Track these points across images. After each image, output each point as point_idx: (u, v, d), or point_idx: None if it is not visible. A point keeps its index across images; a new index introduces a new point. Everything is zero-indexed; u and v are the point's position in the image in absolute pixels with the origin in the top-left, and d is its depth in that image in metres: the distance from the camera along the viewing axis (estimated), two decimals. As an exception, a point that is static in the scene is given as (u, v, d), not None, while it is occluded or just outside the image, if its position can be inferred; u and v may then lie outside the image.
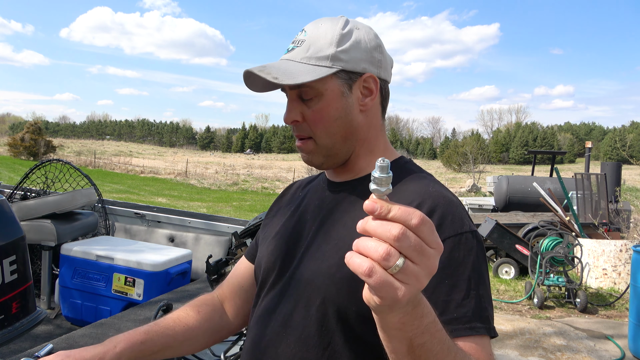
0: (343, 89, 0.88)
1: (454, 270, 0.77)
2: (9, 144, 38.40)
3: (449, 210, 0.83)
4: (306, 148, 0.92)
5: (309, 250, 0.91)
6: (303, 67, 0.86)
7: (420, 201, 0.84)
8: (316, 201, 0.99)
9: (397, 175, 0.93)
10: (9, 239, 2.18)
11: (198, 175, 33.19)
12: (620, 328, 4.90)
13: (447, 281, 0.77)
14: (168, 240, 4.26)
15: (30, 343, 2.85)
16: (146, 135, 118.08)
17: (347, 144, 0.92)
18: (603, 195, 7.97)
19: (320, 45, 0.87)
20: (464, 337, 0.74)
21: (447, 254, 0.78)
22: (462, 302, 0.75)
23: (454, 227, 0.81)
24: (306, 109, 0.89)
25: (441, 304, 0.74)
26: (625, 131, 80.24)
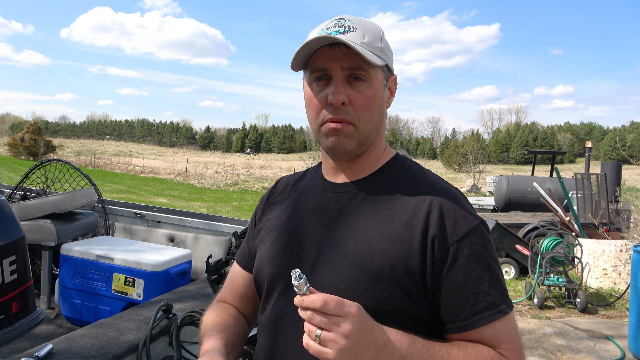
0: (384, 82, 0.93)
1: (477, 264, 0.86)
2: (9, 144, 38.39)
3: (459, 206, 0.89)
4: (345, 131, 0.90)
5: (322, 255, 0.91)
6: (366, 51, 0.86)
7: (430, 202, 0.89)
8: (316, 203, 0.98)
9: (397, 172, 0.97)
10: (9, 239, 2.18)
11: (198, 175, 33.18)
12: (620, 328, 4.90)
13: (472, 275, 0.85)
14: (168, 240, 4.25)
15: (30, 343, 2.85)
16: (146, 135, 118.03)
17: (376, 135, 0.95)
18: (603, 195, 7.97)
19: (372, 36, 0.89)
20: (495, 320, 0.85)
21: (468, 249, 0.86)
22: (488, 291, 0.85)
23: (468, 222, 0.88)
24: (354, 93, 0.88)
25: (472, 297, 0.84)
26: (625, 131, 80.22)
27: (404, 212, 0.89)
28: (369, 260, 0.86)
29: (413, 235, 0.86)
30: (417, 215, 0.88)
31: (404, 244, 0.86)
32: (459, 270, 0.85)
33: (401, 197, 0.92)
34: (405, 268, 0.84)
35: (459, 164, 49.49)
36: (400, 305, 0.85)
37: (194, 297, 2.76)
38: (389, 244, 0.86)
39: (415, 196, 0.91)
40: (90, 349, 1.85)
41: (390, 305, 0.84)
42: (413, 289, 0.85)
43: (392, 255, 0.85)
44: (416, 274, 0.85)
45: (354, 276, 0.86)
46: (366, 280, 0.85)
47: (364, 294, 0.84)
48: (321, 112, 0.90)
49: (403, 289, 0.85)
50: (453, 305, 0.85)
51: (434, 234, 0.85)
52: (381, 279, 0.84)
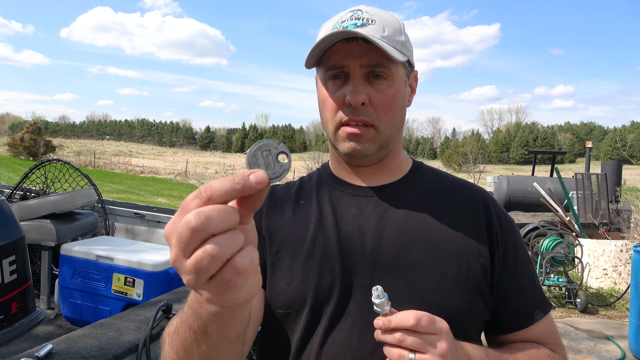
0: (406, 79, 0.85)
1: (527, 257, 0.88)
2: (8, 144, 38.40)
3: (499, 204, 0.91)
4: (366, 135, 0.81)
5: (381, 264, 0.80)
6: (387, 45, 0.78)
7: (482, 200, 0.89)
8: (348, 209, 0.86)
9: (427, 175, 0.93)
10: (9, 239, 2.17)
11: (198, 175, 33.19)
12: (620, 328, 4.89)
13: (526, 269, 0.87)
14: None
15: (30, 343, 2.85)
16: (146, 135, 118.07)
17: (398, 137, 0.87)
18: (603, 195, 7.96)
19: (393, 29, 0.81)
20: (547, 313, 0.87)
21: (519, 243, 0.87)
22: (538, 284, 0.89)
23: (510, 219, 0.89)
24: (374, 93, 0.80)
25: (530, 291, 0.86)
26: (625, 131, 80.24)
27: (460, 211, 0.86)
28: (445, 263, 0.80)
29: (479, 233, 0.84)
30: (475, 212, 0.86)
31: (473, 243, 0.82)
32: (518, 264, 0.85)
33: (450, 196, 0.88)
34: (480, 267, 0.81)
35: (459, 164, 49.52)
36: (477, 308, 0.81)
37: (194, 297, 2.76)
38: (458, 244, 0.82)
39: (464, 196, 0.89)
40: (90, 349, 1.85)
41: (469, 310, 0.80)
42: (486, 289, 0.82)
43: (466, 256, 0.81)
44: (487, 273, 0.82)
45: (433, 282, 0.78)
46: (447, 285, 0.78)
47: (445, 300, 0.77)
48: (337, 113, 0.82)
49: (479, 290, 0.81)
50: (516, 301, 0.85)
51: (497, 230, 0.85)
52: (460, 282, 0.79)
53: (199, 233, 0.42)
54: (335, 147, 0.86)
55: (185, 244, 0.43)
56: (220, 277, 0.44)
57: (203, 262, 0.43)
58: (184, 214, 0.44)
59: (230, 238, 0.43)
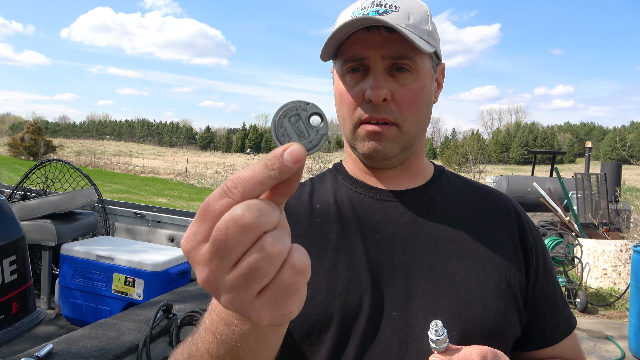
0: (432, 73, 0.77)
1: (552, 268, 0.84)
2: (9, 144, 38.44)
3: (524, 211, 0.86)
4: (388, 134, 0.73)
5: (417, 277, 0.72)
6: (413, 35, 0.70)
7: (512, 208, 0.84)
8: (372, 215, 0.77)
9: (452, 180, 0.86)
10: (9, 239, 2.18)
11: (198, 175, 33.19)
12: (620, 328, 4.90)
13: (553, 281, 0.83)
14: (168, 240, 4.25)
15: (30, 343, 2.85)
16: (146, 135, 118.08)
17: (422, 136, 0.79)
18: (603, 195, 7.97)
19: (419, 16, 0.73)
20: (574, 327, 0.83)
21: (547, 253, 0.83)
22: (564, 297, 0.84)
23: (536, 227, 0.84)
24: (398, 87, 0.72)
25: (560, 304, 0.83)
26: (625, 131, 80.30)
27: (492, 220, 0.80)
28: (484, 278, 0.73)
29: (514, 244, 0.78)
30: (508, 222, 0.80)
31: (509, 255, 0.76)
32: (548, 278, 0.82)
33: (480, 204, 0.82)
34: (518, 282, 0.75)
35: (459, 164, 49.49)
36: (515, 325, 0.75)
37: (194, 297, 2.76)
38: (496, 257, 0.75)
39: (494, 202, 0.83)
40: (90, 349, 1.85)
41: (508, 327, 0.73)
42: (521, 304, 0.77)
43: (504, 269, 0.75)
44: (523, 287, 0.77)
45: (474, 297, 0.71)
46: (489, 301, 0.71)
47: (486, 317, 0.70)
48: (356, 110, 0.73)
49: (516, 306, 0.75)
50: (548, 316, 0.80)
51: (531, 242, 0.80)
52: (500, 298, 0.72)
53: (252, 231, 0.34)
54: (354, 147, 0.77)
55: (232, 249, 0.34)
56: (277, 284, 0.35)
57: (260, 266, 0.34)
58: (208, 220, 0.35)
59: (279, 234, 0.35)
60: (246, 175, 0.35)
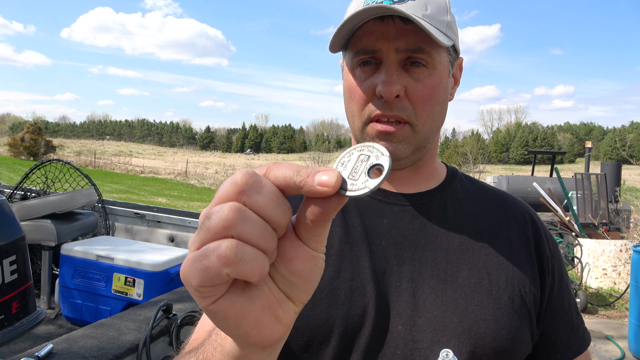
0: (449, 68, 0.71)
1: (568, 282, 0.78)
2: (9, 144, 38.46)
3: (540, 220, 0.81)
4: (400, 135, 0.68)
5: (424, 288, 0.67)
6: (429, 26, 0.64)
7: (528, 216, 0.79)
8: (379, 219, 0.72)
9: (465, 183, 0.80)
10: (9, 239, 2.18)
11: (198, 175, 33.20)
12: (620, 328, 4.90)
13: (569, 295, 0.77)
14: (168, 240, 4.25)
15: (30, 343, 2.85)
16: (146, 136, 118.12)
17: (436, 136, 0.74)
18: (603, 195, 7.97)
19: (437, 6, 0.67)
20: (588, 344, 0.77)
21: (562, 267, 0.77)
22: (578, 311, 0.78)
23: (552, 236, 0.78)
24: (412, 82, 0.67)
25: (575, 319, 0.77)
26: (625, 131, 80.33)
27: (507, 229, 0.74)
28: (497, 292, 0.68)
29: (529, 256, 0.73)
30: (524, 231, 0.75)
31: (525, 268, 0.71)
32: (564, 292, 0.76)
33: (495, 211, 0.76)
34: (532, 297, 0.70)
35: (459, 164, 49.50)
36: (527, 342, 0.69)
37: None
38: (509, 269, 0.70)
39: (507, 210, 0.77)
40: (90, 349, 1.85)
41: (521, 345, 0.68)
42: (534, 320, 0.71)
43: (518, 283, 0.69)
44: (537, 302, 0.71)
45: (486, 312, 0.66)
46: (501, 317, 0.66)
47: (499, 334, 0.65)
48: (367, 106, 0.69)
49: (529, 321, 0.69)
50: (561, 333, 0.75)
51: (548, 254, 0.74)
52: (513, 313, 0.67)
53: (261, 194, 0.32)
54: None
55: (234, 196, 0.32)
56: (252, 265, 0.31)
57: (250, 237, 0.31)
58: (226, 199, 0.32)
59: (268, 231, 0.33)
60: (276, 167, 0.34)
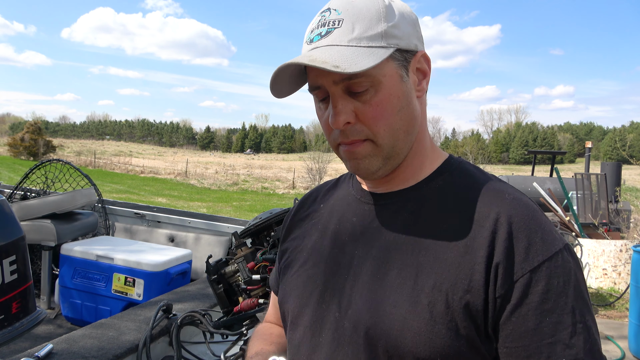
0: (401, 72, 0.72)
1: (555, 303, 0.64)
2: (9, 144, 38.45)
3: (536, 225, 0.68)
4: (362, 151, 0.72)
5: (359, 285, 0.73)
6: (357, 50, 0.67)
7: (496, 217, 0.69)
8: (351, 217, 0.80)
9: (455, 179, 0.77)
10: (9, 239, 2.18)
11: (198, 175, 33.19)
12: (620, 328, 4.90)
13: (548, 319, 0.64)
14: (168, 240, 4.25)
15: (30, 343, 2.85)
16: (146, 136, 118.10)
17: (409, 139, 0.75)
18: (603, 195, 7.97)
19: (367, 22, 0.69)
20: None
21: (543, 284, 0.64)
22: (570, 342, 0.63)
23: (547, 247, 0.66)
24: (360, 105, 0.70)
25: (546, 348, 0.63)
26: (625, 131, 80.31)
27: (463, 230, 0.69)
28: (417, 294, 0.67)
29: (474, 262, 0.66)
30: (479, 235, 0.68)
31: (462, 274, 0.66)
32: (530, 311, 0.64)
33: (460, 210, 0.72)
34: (463, 306, 0.65)
35: (459, 164, 49.61)
36: (459, 353, 0.66)
37: (194, 297, 2.76)
38: (443, 274, 0.67)
39: (478, 210, 0.71)
40: (90, 349, 1.86)
41: (447, 355, 0.66)
42: (474, 332, 0.66)
43: (447, 289, 0.66)
44: (478, 313, 0.65)
45: (400, 316, 0.67)
46: (416, 323, 0.66)
47: (413, 339, 0.66)
48: (331, 135, 0.74)
49: (461, 332, 0.65)
50: (519, 356, 0.65)
51: (499, 261, 0.65)
52: (434, 321, 0.65)
53: None
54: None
55: None
56: None
57: None
58: None
59: None
60: None
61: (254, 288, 2.11)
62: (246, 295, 2.21)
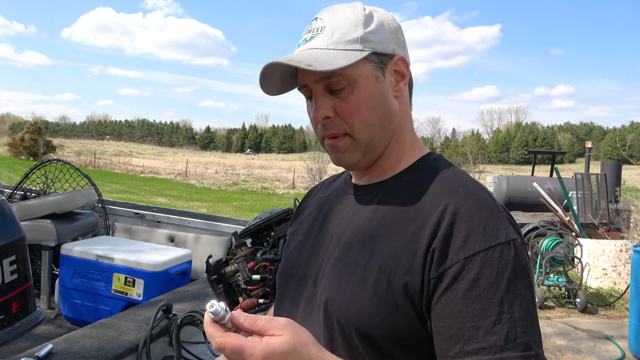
0: (377, 74, 0.80)
1: (484, 292, 0.68)
2: (9, 144, 38.44)
3: (481, 219, 0.72)
4: (342, 146, 0.81)
5: (329, 264, 0.83)
6: (333, 52, 0.76)
7: (444, 208, 0.74)
8: (337, 206, 0.90)
9: (424, 174, 0.83)
10: (9, 239, 2.18)
11: (198, 175, 33.18)
12: (620, 328, 4.90)
13: (474, 305, 0.68)
14: (168, 240, 4.25)
15: (30, 343, 2.85)
16: (146, 136, 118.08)
17: (385, 135, 0.83)
18: (603, 195, 7.97)
19: (345, 28, 0.78)
20: None
21: (475, 272, 0.69)
22: (492, 329, 0.67)
23: (486, 239, 0.70)
24: (338, 102, 0.79)
25: (468, 331, 0.67)
26: (625, 131, 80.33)
27: (415, 220, 0.76)
28: (366, 275, 0.75)
29: (418, 247, 0.73)
30: (427, 223, 0.74)
31: (405, 258, 0.73)
32: (458, 295, 0.69)
33: (418, 202, 0.78)
34: (402, 286, 0.72)
35: (459, 164, 49.46)
36: (399, 328, 0.73)
37: (194, 297, 2.76)
38: (390, 257, 0.74)
39: (432, 201, 0.77)
40: (90, 349, 1.85)
41: (387, 329, 0.73)
42: (411, 310, 0.72)
43: (391, 270, 0.73)
44: (415, 293, 0.72)
45: (350, 292, 0.76)
46: (362, 298, 0.74)
47: (358, 312, 0.74)
48: (317, 129, 0.84)
49: (400, 310, 0.72)
50: (443, 336, 0.70)
51: (436, 246, 0.71)
52: (377, 297, 0.73)
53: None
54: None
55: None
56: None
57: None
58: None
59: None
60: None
61: (254, 288, 2.12)
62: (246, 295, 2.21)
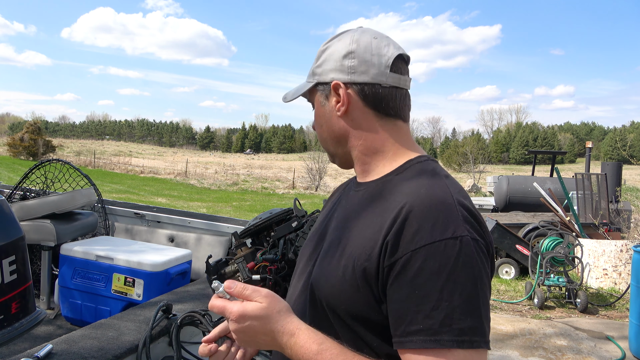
0: (321, 99, 1.01)
1: (426, 281, 0.77)
2: (8, 144, 38.40)
3: (432, 216, 0.81)
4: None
5: (324, 250, 0.98)
6: (302, 85, 1.03)
7: (402, 205, 0.84)
8: (343, 201, 1.06)
9: (402, 177, 0.94)
10: (9, 239, 2.17)
11: (198, 175, 33.18)
12: (621, 328, 4.90)
13: (417, 292, 0.77)
14: (168, 240, 4.25)
15: (30, 343, 2.84)
16: (146, 135, 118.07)
17: (340, 147, 1.02)
18: (603, 195, 7.97)
19: (317, 61, 1.01)
20: (427, 349, 0.75)
21: (420, 263, 0.78)
22: (430, 314, 0.76)
23: (433, 235, 0.79)
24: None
25: (410, 315, 0.77)
26: (625, 131, 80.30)
27: (382, 215, 0.87)
28: (339, 259, 0.90)
29: (378, 238, 0.84)
30: (388, 218, 0.84)
31: (368, 247, 0.85)
32: (404, 283, 0.79)
33: (388, 200, 0.90)
34: (362, 270, 0.84)
35: (459, 164, 49.51)
36: (360, 308, 0.85)
37: (194, 297, 2.76)
38: (358, 246, 0.87)
39: (397, 199, 0.87)
40: (90, 350, 1.85)
41: (351, 307, 0.86)
42: (369, 293, 0.84)
43: (356, 256, 0.86)
44: (372, 277, 0.83)
45: (328, 273, 0.91)
46: (334, 279, 0.89)
47: (329, 291, 0.89)
48: None
49: (360, 291, 0.85)
50: (393, 317, 0.81)
51: (389, 239, 0.82)
52: (344, 279, 0.87)
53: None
54: None
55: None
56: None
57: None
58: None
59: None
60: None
61: (254, 288, 2.11)
62: (246, 295, 2.20)
